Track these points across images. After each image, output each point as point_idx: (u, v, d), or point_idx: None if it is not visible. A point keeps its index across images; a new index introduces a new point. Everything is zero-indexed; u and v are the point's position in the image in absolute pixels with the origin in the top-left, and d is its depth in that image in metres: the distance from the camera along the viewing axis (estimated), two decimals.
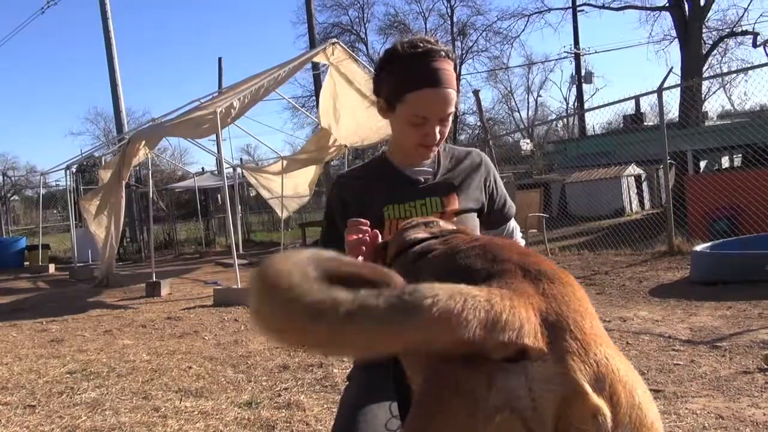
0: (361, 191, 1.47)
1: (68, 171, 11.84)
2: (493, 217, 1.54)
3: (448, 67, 1.33)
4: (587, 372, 0.63)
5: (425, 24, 25.48)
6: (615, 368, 0.65)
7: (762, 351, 3.13)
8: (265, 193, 12.36)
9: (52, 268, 12.42)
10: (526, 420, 0.62)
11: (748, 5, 16.09)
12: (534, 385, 0.63)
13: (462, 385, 0.65)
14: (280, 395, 3.07)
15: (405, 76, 1.33)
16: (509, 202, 1.59)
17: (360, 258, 1.27)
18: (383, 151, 1.55)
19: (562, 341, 0.65)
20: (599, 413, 0.62)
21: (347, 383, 1.44)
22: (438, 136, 1.38)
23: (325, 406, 2.86)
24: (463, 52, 25.32)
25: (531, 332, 0.64)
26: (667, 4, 14.77)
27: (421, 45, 1.32)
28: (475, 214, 1.48)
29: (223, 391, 3.20)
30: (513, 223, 1.64)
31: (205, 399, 3.09)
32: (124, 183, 8.38)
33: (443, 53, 1.33)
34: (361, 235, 1.28)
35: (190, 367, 3.70)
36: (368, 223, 1.31)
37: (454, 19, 24.97)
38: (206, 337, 4.78)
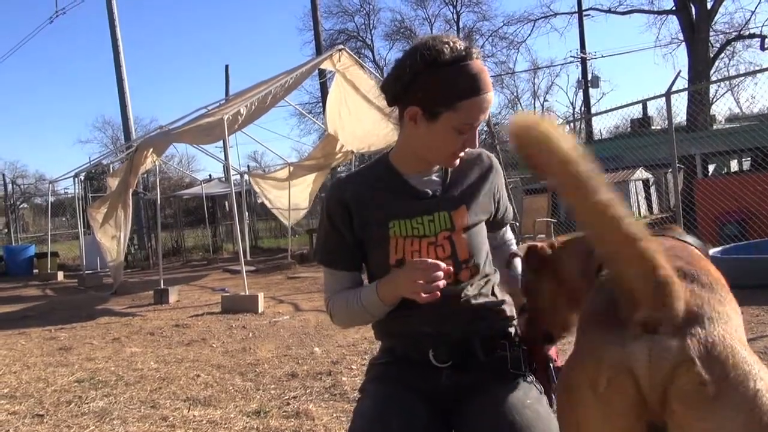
0: (364, 199, 1.38)
1: (76, 179, 11.90)
2: (493, 223, 1.48)
3: (486, 69, 1.29)
4: (702, 352, 0.78)
5: (431, 29, 25.53)
6: (732, 354, 0.78)
7: None
8: (266, 203, 12.42)
9: (60, 275, 12.47)
10: (638, 379, 0.80)
11: (756, 8, 16.12)
12: (654, 352, 0.79)
13: (595, 343, 0.87)
14: (288, 404, 3.05)
15: (457, 84, 1.23)
16: (509, 207, 1.55)
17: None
18: (387, 154, 1.44)
19: (693, 327, 0.80)
20: (704, 383, 0.76)
21: (360, 396, 1.42)
22: (475, 145, 1.34)
23: (335, 415, 2.84)
24: None
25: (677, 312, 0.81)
26: (674, 8, 14.71)
27: (460, 47, 1.25)
28: (484, 224, 1.43)
29: (231, 400, 3.18)
30: (508, 229, 1.60)
31: (214, 408, 3.08)
32: (131, 191, 8.40)
33: (477, 54, 1.27)
34: (435, 283, 1.22)
35: (198, 376, 3.69)
36: (450, 270, 1.26)
37: (460, 25, 25.04)
38: (214, 345, 4.77)
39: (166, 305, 7.42)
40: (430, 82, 1.24)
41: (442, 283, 1.22)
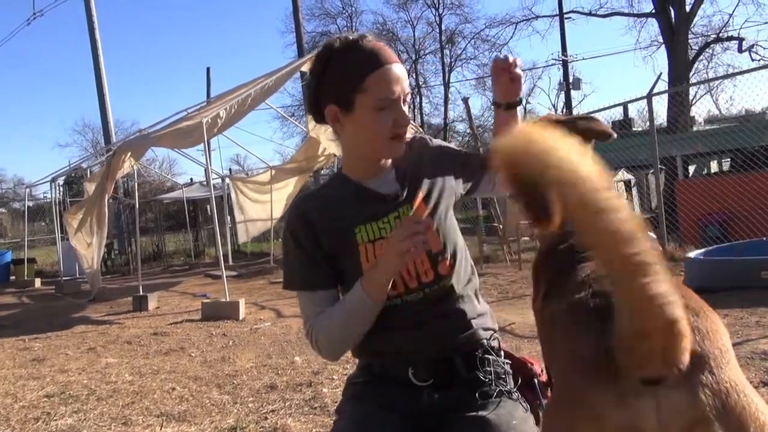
0: (324, 212, 1.32)
1: (54, 183, 11.67)
2: (469, 171, 1.41)
3: (384, 46, 1.27)
4: (717, 405, 0.67)
5: (413, 32, 25.56)
6: (746, 404, 0.68)
7: (763, 363, 3.05)
8: (237, 215, 12.23)
9: (38, 282, 12.21)
10: None
11: (733, 11, 16.35)
12: (663, 410, 0.68)
13: (588, 400, 0.72)
14: (266, 418, 2.95)
15: (357, 63, 1.22)
16: (471, 153, 1.48)
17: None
18: (340, 169, 1.41)
19: (699, 374, 0.69)
20: None
21: (336, 417, 1.35)
22: (407, 119, 1.27)
23: (314, 430, 2.74)
24: (452, 59, 25.43)
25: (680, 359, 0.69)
26: (654, 11, 14.85)
27: (351, 36, 1.26)
28: (453, 216, 1.37)
29: (207, 415, 3.07)
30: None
31: (188, 424, 2.96)
32: (107, 196, 8.23)
33: (372, 38, 1.27)
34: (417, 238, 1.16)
35: (174, 389, 3.57)
36: (431, 223, 1.24)
37: (443, 27, 25.04)
38: (193, 354, 4.66)
39: (145, 312, 7.27)
40: (333, 74, 1.24)
41: (422, 237, 1.17)
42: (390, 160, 1.35)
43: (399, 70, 1.25)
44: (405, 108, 1.26)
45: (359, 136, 1.28)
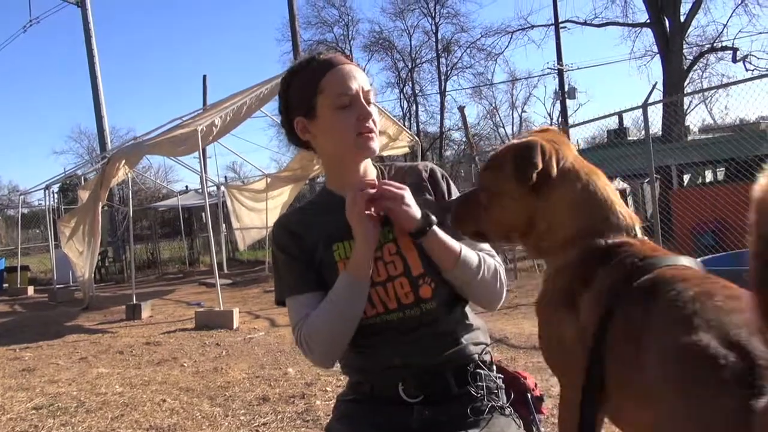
0: (308, 225, 1.32)
1: (47, 190, 11.62)
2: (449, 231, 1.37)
3: (339, 55, 1.31)
4: None
5: (410, 41, 25.59)
6: None
7: None
8: (234, 223, 12.21)
9: (31, 290, 12.14)
10: None
11: (728, 21, 16.29)
12: None
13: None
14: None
15: (312, 71, 1.27)
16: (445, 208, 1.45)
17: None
18: (323, 186, 1.42)
19: None
20: None
21: None
22: (371, 122, 1.26)
23: None
24: (448, 68, 25.44)
25: None
26: (648, 21, 14.92)
27: (308, 56, 1.32)
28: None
29: (197, 428, 3.03)
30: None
31: None
32: (101, 204, 8.19)
33: (327, 53, 1.32)
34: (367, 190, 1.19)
35: (164, 401, 3.52)
36: (374, 181, 1.23)
37: (439, 36, 25.10)
38: (185, 364, 4.61)
39: (139, 321, 7.22)
40: (294, 89, 1.30)
41: (367, 194, 1.20)
42: (374, 177, 1.34)
43: (353, 69, 1.28)
44: (371, 109, 1.27)
45: (327, 139, 1.29)
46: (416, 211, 1.22)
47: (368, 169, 1.37)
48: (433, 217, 1.23)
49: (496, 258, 1.34)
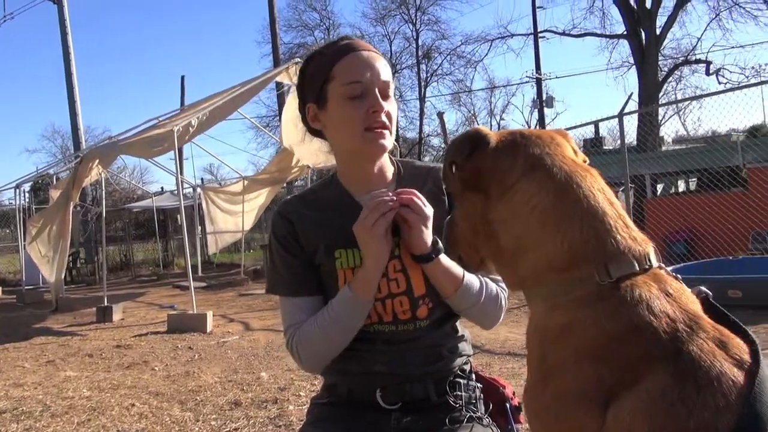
0: (308, 220, 1.25)
1: (18, 189, 11.36)
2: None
3: (359, 41, 1.24)
4: None
5: (390, 46, 25.62)
6: None
7: None
8: (208, 226, 12.07)
9: None
10: None
11: (701, 35, 16.69)
12: None
13: None
14: None
15: (326, 57, 1.20)
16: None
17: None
18: (334, 174, 1.33)
19: None
20: None
21: None
22: (385, 117, 1.17)
23: None
24: (428, 75, 25.54)
25: None
26: (625, 32, 15.19)
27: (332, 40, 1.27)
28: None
29: None
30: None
31: None
32: (72, 204, 8.02)
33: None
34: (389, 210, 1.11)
35: (133, 405, 3.44)
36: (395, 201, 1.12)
37: (419, 43, 25.21)
38: (156, 368, 4.52)
39: (110, 324, 7.07)
40: (308, 75, 1.23)
41: (387, 206, 1.11)
42: (390, 175, 1.28)
43: (372, 56, 1.19)
44: (387, 104, 1.18)
45: (335, 130, 1.22)
46: (429, 237, 1.15)
47: (385, 165, 1.28)
48: (441, 245, 1.16)
49: (500, 282, 1.27)
